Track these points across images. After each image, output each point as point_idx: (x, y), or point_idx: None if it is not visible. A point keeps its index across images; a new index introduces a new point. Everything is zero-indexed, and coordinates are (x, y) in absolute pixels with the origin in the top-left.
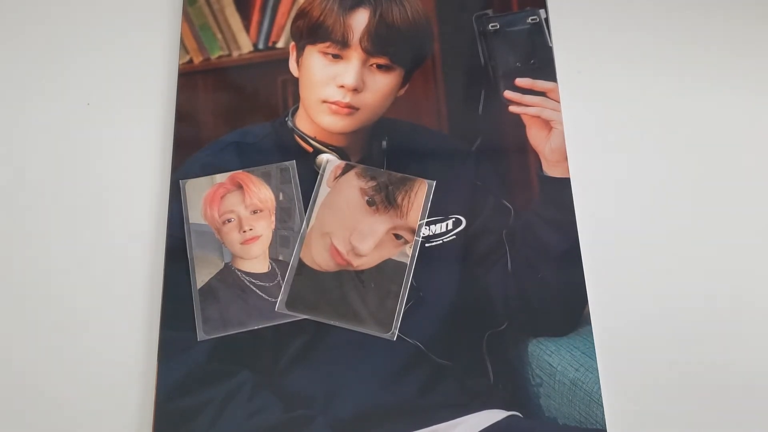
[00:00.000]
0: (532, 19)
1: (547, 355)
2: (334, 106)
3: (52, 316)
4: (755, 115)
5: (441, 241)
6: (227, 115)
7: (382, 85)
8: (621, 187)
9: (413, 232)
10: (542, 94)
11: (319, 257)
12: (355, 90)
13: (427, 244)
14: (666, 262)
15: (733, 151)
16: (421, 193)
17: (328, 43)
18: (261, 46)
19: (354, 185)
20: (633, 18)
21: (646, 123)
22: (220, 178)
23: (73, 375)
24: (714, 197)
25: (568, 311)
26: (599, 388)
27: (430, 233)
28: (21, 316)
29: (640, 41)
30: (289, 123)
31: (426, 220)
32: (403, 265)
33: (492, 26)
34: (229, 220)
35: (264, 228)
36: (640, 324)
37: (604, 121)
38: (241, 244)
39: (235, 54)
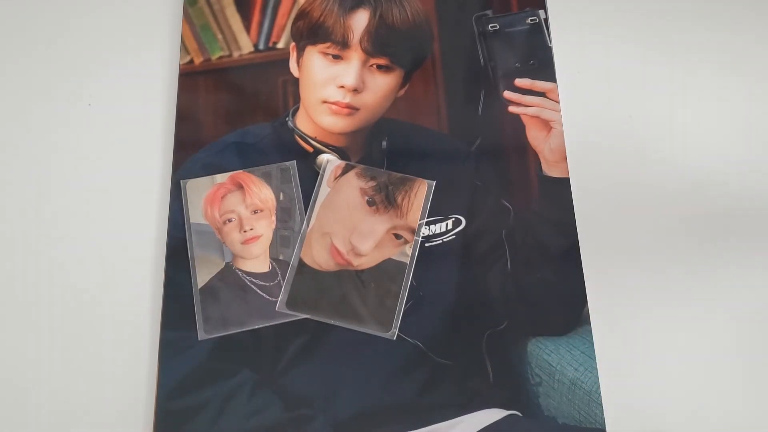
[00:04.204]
0: (531, 20)
1: (547, 355)
2: (334, 107)
3: (52, 315)
4: (756, 114)
5: (441, 241)
6: (228, 116)
7: (382, 85)
8: (620, 187)
9: (413, 231)
10: (542, 94)
11: (319, 257)
12: (356, 90)
13: (427, 244)
14: (666, 261)
15: (734, 151)
16: (421, 193)
17: (328, 44)
18: (261, 46)
19: (354, 185)
20: (632, 18)
21: (645, 123)
22: (221, 178)
23: (74, 374)
24: (715, 196)
25: (567, 311)
26: (598, 387)
27: (430, 233)
28: (21, 316)
29: (639, 41)
30: (290, 123)
31: (426, 220)
32: (403, 264)
33: (491, 27)
34: (229, 220)
35: (264, 228)
36: (640, 323)
37: (604, 121)
38: (242, 243)
39: (236, 54)
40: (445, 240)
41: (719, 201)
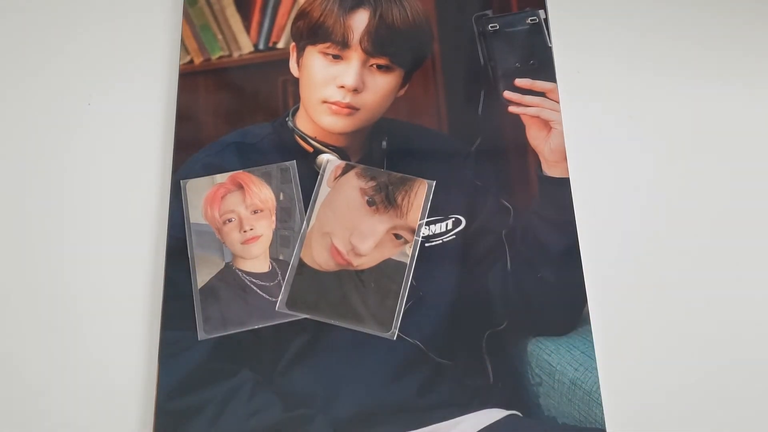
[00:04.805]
0: (531, 20)
1: (547, 355)
2: (334, 107)
3: (52, 315)
4: (755, 113)
5: (441, 241)
6: (228, 116)
7: (382, 85)
8: (620, 186)
9: (413, 231)
10: (542, 94)
11: (319, 257)
12: (355, 90)
13: (427, 244)
14: (666, 261)
15: (734, 150)
16: (421, 193)
17: (328, 44)
18: (261, 46)
19: (354, 185)
20: (632, 18)
21: (645, 123)
22: (221, 178)
23: (74, 375)
24: (714, 197)
25: (567, 311)
26: (598, 387)
27: (430, 233)
28: (21, 316)
29: (639, 41)
30: (290, 123)
31: (426, 220)
32: (403, 264)
33: (491, 27)
34: (229, 220)
35: (264, 228)
36: (640, 323)
37: (604, 121)
38: (242, 243)
39: (236, 54)
40: (445, 240)
41: (719, 200)
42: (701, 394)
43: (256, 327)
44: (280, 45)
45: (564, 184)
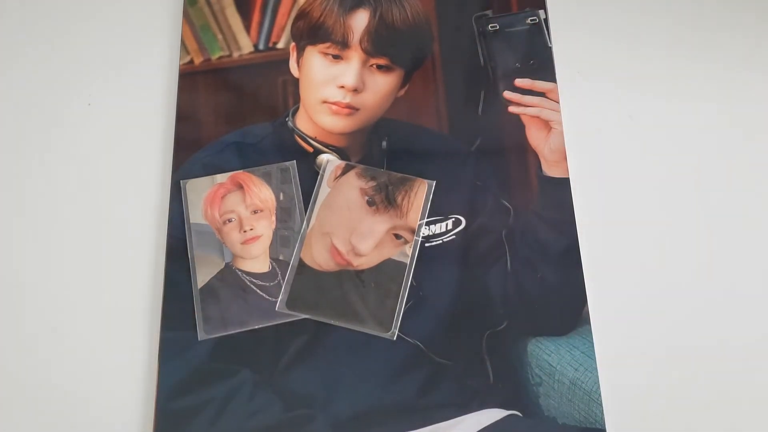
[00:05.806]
0: (531, 20)
1: (547, 355)
2: (334, 107)
3: (52, 315)
4: (756, 114)
5: (441, 241)
6: (228, 116)
7: (382, 85)
8: (620, 187)
9: (413, 231)
10: (542, 94)
11: (319, 257)
12: (356, 90)
13: (426, 244)
14: (666, 262)
15: (734, 151)
16: (421, 193)
17: (328, 44)
18: (261, 46)
19: (354, 185)
20: (632, 18)
21: (645, 122)
22: (221, 178)
23: (74, 375)
24: (714, 197)
25: (567, 311)
26: (598, 387)
27: (430, 233)
28: (21, 317)
29: (639, 41)
30: (290, 123)
31: (426, 220)
32: (403, 264)
33: (491, 27)
34: (229, 220)
35: (264, 228)
36: (640, 324)
37: (604, 121)
38: (242, 243)
39: (236, 54)
40: (445, 240)
41: (720, 200)
42: (701, 395)
43: (256, 327)
44: (280, 45)
45: (564, 184)
